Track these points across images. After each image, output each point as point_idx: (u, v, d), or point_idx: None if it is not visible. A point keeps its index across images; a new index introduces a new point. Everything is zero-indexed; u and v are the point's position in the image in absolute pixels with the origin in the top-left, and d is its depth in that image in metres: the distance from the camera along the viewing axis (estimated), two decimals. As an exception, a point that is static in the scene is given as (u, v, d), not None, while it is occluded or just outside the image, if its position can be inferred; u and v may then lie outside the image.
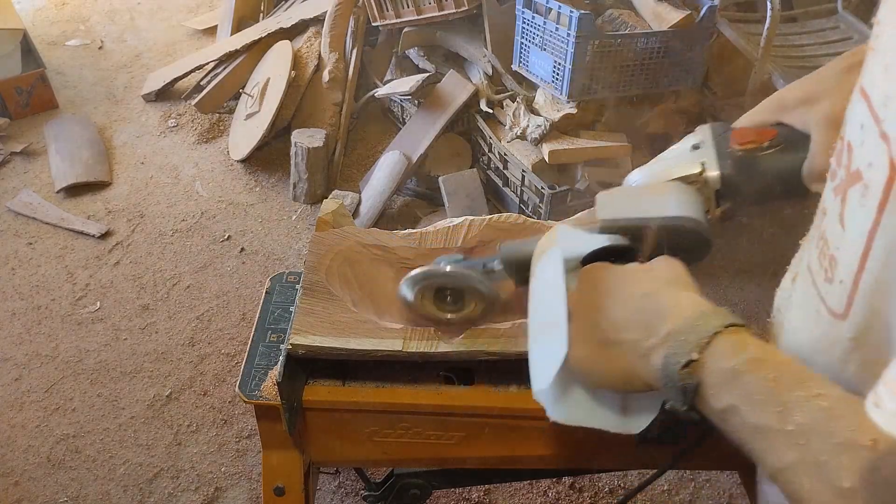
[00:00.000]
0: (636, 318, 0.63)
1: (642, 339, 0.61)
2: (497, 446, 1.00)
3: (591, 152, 2.33)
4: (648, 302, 0.63)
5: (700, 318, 0.58)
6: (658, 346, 0.59)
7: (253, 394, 0.95)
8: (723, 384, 0.54)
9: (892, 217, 0.47)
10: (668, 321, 0.60)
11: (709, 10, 2.24)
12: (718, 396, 0.54)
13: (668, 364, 0.57)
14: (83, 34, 4.14)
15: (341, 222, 1.11)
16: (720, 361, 0.55)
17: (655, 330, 0.60)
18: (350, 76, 2.96)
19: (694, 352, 0.56)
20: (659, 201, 0.75)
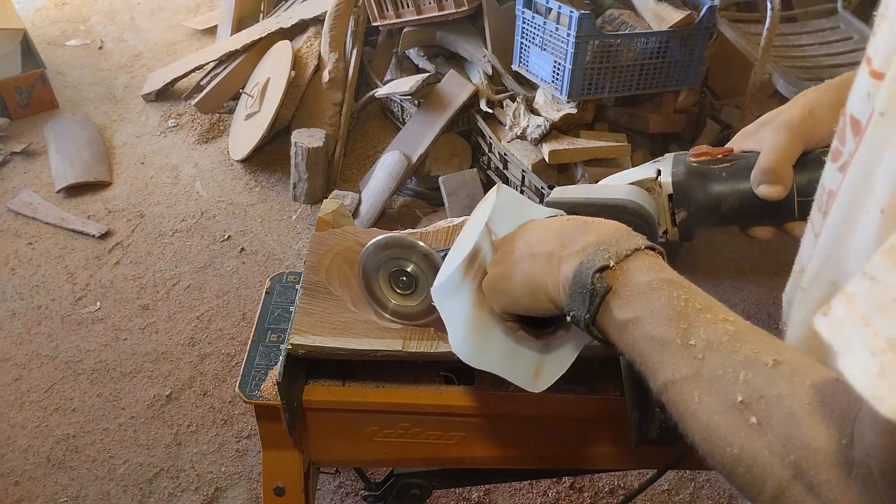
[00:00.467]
0: (555, 235, 0.64)
1: (556, 250, 0.62)
2: (497, 446, 1.00)
3: (591, 152, 2.33)
4: (571, 222, 0.64)
5: (623, 234, 0.59)
6: (573, 254, 0.60)
7: (253, 394, 0.95)
8: (633, 295, 0.54)
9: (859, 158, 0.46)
10: (591, 234, 0.61)
11: (709, 10, 2.24)
12: (626, 307, 0.55)
13: (582, 269, 0.58)
14: (83, 34, 4.14)
15: (341, 222, 1.11)
16: (635, 274, 0.55)
17: (573, 241, 0.61)
18: (350, 76, 2.96)
19: (612, 260, 0.56)
20: (609, 191, 0.78)
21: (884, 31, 0.46)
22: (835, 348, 0.36)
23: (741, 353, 0.47)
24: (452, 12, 2.63)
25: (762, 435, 0.44)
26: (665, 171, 0.78)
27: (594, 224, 0.62)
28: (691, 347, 0.49)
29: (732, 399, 0.46)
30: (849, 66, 2.42)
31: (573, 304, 0.59)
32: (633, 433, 0.93)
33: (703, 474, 1.87)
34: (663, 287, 0.54)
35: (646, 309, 0.53)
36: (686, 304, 0.52)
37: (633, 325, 0.54)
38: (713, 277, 2.45)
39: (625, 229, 0.61)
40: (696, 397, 0.48)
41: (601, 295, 0.56)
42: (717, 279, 2.44)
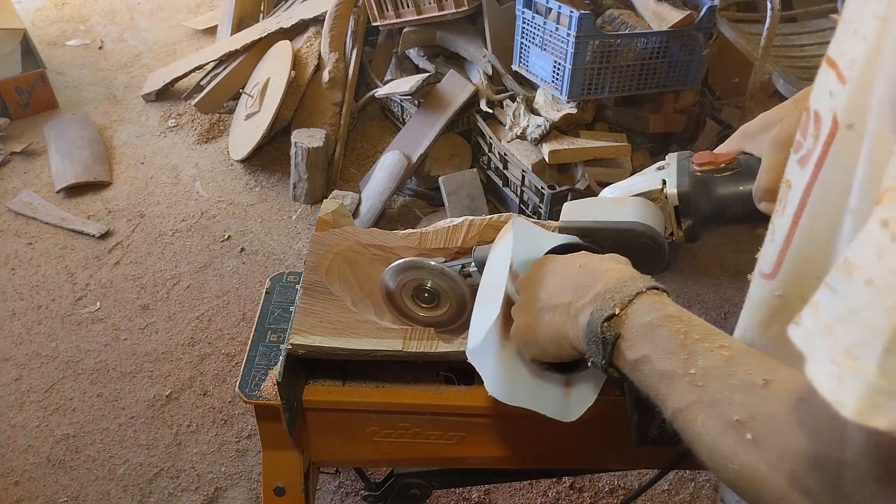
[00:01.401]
0: (571, 283, 0.69)
1: (574, 301, 0.67)
2: (497, 446, 1.00)
3: (591, 152, 2.34)
4: (585, 270, 0.69)
5: (627, 280, 0.64)
6: (587, 305, 0.65)
7: (253, 394, 0.95)
8: (639, 336, 0.59)
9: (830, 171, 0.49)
10: (599, 283, 0.65)
11: (709, 10, 2.24)
12: (634, 348, 0.59)
13: (593, 319, 0.62)
14: (83, 34, 4.14)
15: (341, 222, 1.11)
16: (639, 316, 0.60)
17: (585, 292, 0.66)
18: (350, 76, 2.96)
19: (617, 307, 0.61)
20: (617, 210, 0.81)
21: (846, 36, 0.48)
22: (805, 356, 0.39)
23: (736, 377, 0.51)
24: (452, 12, 2.63)
25: (759, 450, 0.47)
26: (670, 181, 0.80)
27: (603, 272, 0.67)
28: (692, 376, 0.53)
29: (730, 420, 0.49)
30: (849, 66, 2.42)
31: (590, 351, 0.63)
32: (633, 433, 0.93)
33: (703, 474, 1.87)
34: (664, 324, 0.58)
35: (651, 347, 0.58)
36: (685, 336, 0.56)
37: (643, 363, 0.58)
38: (713, 277, 2.45)
39: (629, 275, 0.65)
40: (700, 421, 0.52)
41: (612, 342, 0.61)
42: (717, 279, 2.44)
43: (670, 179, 0.80)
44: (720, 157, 0.80)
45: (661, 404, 0.56)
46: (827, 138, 0.49)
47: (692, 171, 0.80)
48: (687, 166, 0.80)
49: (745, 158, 0.79)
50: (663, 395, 0.56)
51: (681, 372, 0.54)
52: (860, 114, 0.44)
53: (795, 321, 0.41)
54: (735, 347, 0.53)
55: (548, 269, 0.74)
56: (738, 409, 0.49)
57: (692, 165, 0.80)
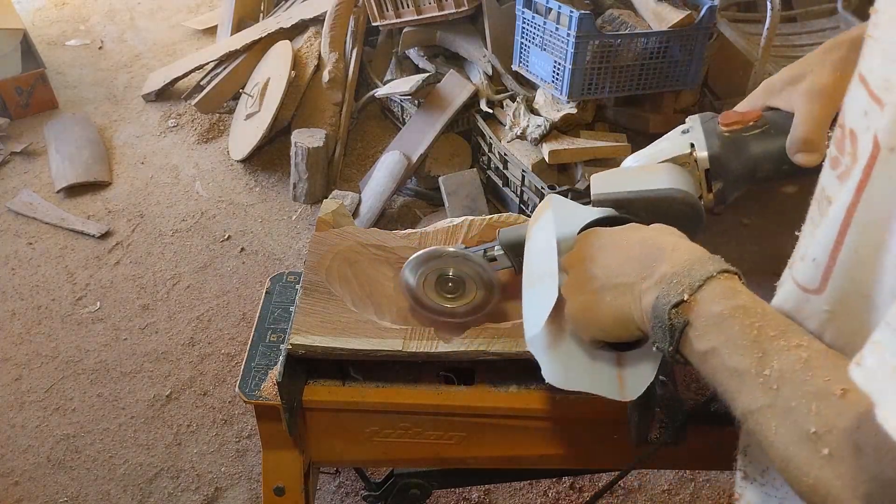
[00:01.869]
0: (632, 261, 0.65)
1: (638, 281, 0.63)
2: (497, 446, 1.00)
3: (591, 152, 2.33)
4: (645, 247, 0.65)
5: (696, 262, 0.59)
6: (652, 287, 0.61)
7: (253, 394, 0.95)
8: (709, 326, 0.55)
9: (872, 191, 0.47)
10: (665, 263, 0.61)
11: (709, 10, 2.24)
12: (703, 338, 0.56)
13: (659, 304, 0.59)
14: (83, 34, 4.14)
15: (341, 222, 1.11)
16: (709, 305, 0.56)
17: (651, 271, 0.62)
18: (350, 76, 2.96)
19: (686, 293, 0.57)
20: (649, 177, 0.77)
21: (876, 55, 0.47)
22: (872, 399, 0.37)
23: (813, 384, 0.48)
24: (452, 12, 2.63)
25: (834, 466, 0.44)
26: (698, 144, 0.77)
27: (668, 250, 0.63)
28: (766, 377, 0.50)
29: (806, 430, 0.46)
30: (849, 66, 2.42)
31: (656, 336, 0.60)
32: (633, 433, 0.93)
33: (702, 474, 1.87)
34: (737, 315, 0.54)
35: (721, 339, 0.54)
36: (760, 331, 0.52)
37: (712, 356, 0.55)
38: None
39: (698, 254, 0.61)
40: (773, 427, 0.49)
41: (679, 329, 0.57)
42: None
43: (698, 142, 0.77)
44: (747, 114, 0.77)
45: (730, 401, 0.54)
46: (868, 160, 0.46)
47: (720, 131, 0.77)
48: (713, 127, 0.77)
49: (772, 114, 0.77)
50: (733, 392, 0.53)
51: (754, 371, 0.51)
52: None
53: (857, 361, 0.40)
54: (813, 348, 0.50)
55: (599, 243, 0.70)
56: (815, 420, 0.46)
57: (718, 126, 0.77)
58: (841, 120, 0.53)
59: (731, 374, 0.53)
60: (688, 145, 0.78)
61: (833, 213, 0.51)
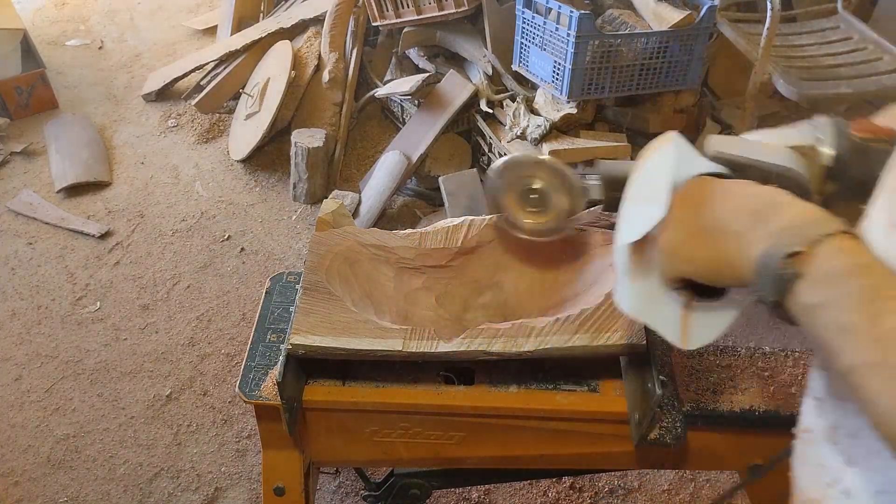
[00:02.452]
0: (746, 211, 0.63)
1: (748, 230, 0.61)
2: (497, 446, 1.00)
3: (591, 152, 2.33)
4: (761, 200, 0.63)
5: (816, 218, 0.58)
6: (765, 236, 0.59)
7: (253, 394, 0.95)
8: (823, 281, 0.54)
9: None
10: (783, 216, 0.60)
11: (709, 10, 2.24)
12: (814, 292, 0.54)
13: (771, 252, 0.57)
14: (83, 34, 4.14)
15: (341, 222, 1.11)
16: (827, 260, 0.55)
17: (766, 222, 0.60)
18: (350, 76, 2.96)
19: (802, 245, 0.55)
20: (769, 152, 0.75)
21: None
22: None
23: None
24: (452, 12, 2.63)
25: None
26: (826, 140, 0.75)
27: (788, 206, 0.61)
28: (878, 336, 0.49)
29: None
30: (849, 65, 2.42)
31: (761, 284, 0.59)
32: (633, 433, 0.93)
33: (703, 474, 1.87)
34: (854, 272, 0.53)
35: (835, 294, 0.53)
36: (876, 291, 0.51)
37: (821, 310, 0.54)
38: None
39: (820, 214, 0.59)
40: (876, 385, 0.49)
41: (789, 280, 0.56)
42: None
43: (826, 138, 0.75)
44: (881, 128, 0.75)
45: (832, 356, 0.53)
46: None
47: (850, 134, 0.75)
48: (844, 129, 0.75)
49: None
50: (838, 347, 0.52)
51: (864, 329, 0.50)
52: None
53: None
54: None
55: (711, 189, 0.68)
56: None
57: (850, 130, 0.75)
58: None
59: (840, 330, 0.52)
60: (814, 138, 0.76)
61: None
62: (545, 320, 0.93)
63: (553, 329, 0.92)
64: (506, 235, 0.95)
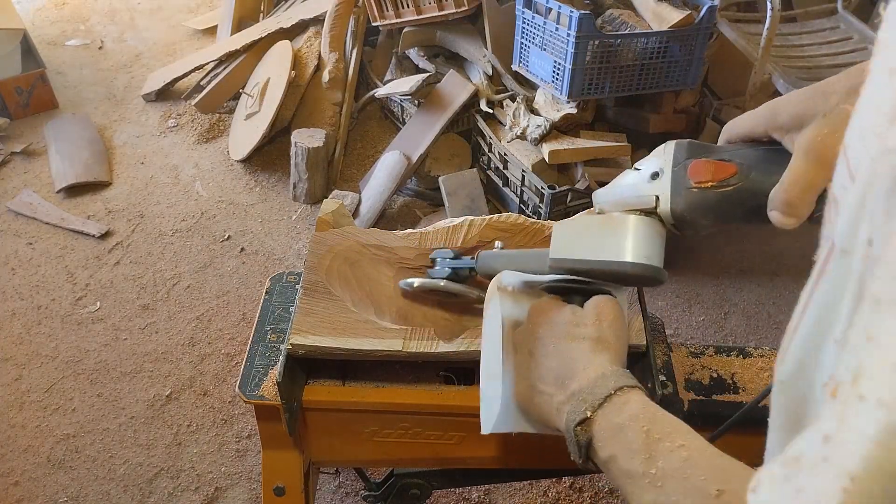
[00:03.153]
0: (553, 375, 0.71)
1: (556, 394, 0.70)
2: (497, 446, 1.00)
3: (591, 152, 2.33)
4: (565, 362, 0.71)
5: (599, 380, 0.66)
6: (565, 402, 0.68)
7: (253, 394, 0.95)
8: (607, 437, 0.62)
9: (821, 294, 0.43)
10: (575, 380, 0.68)
11: (709, 10, 2.24)
12: (604, 448, 0.62)
13: (568, 422, 0.66)
14: (83, 34, 4.14)
15: (341, 222, 1.11)
16: (608, 418, 0.63)
17: (565, 388, 0.69)
18: (350, 76, 2.96)
19: (588, 410, 0.64)
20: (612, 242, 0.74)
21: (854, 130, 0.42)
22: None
23: (692, 482, 0.53)
24: (452, 12, 2.63)
25: None
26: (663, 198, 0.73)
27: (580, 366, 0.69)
28: (652, 476, 0.55)
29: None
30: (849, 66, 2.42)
31: (570, 447, 0.66)
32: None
33: None
34: (630, 424, 0.60)
35: (618, 447, 0.60)
36: (647, 435, 0.58)
37: (611, 462, 0.61)
38: (713, 277, 2.45)
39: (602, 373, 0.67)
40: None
41: (584, 444, 0.64)
42: (718, 279, 2.44)
43: (664, 197, 0.73)
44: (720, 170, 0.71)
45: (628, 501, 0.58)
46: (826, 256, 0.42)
47: (688, 186, 0.71)
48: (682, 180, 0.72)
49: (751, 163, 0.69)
50: (628, 494, 0.58)
51: (642, 472, 0.56)
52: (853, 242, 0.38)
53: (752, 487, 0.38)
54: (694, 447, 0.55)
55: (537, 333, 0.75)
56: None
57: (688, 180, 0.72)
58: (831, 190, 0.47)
59: (626, 477, 0.58)
60: (653, 198, 0.73)
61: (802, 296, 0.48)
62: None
63: None
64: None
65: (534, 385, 0.73)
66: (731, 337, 2.28)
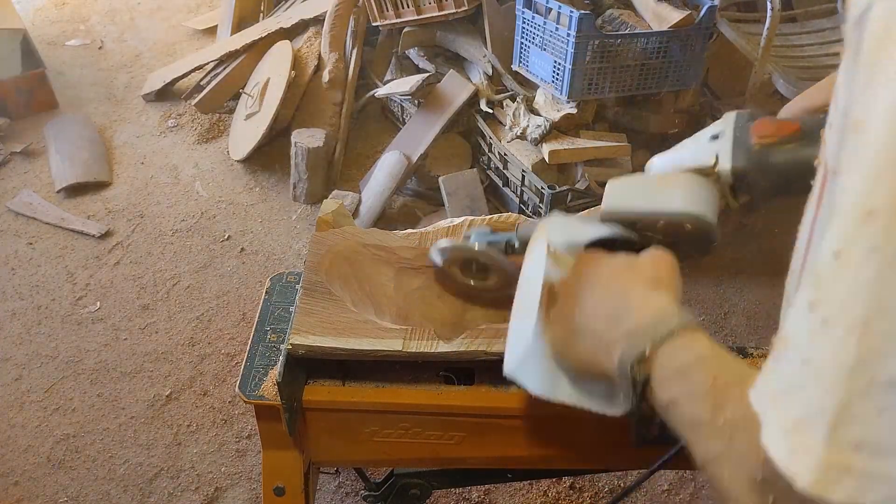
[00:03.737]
0: (605, 311, 0.67)
1: (606, 332, 0.66)
2: (497, 446, 1.00)
3: (591, 152, 2.33)
4: (619, 298, 0.67)
5: (659, 317, 0.62)
6: (618, 340, 0.63)
7: (253, 394, 0.95)
8: (669, 379, 0.58)
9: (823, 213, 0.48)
10: (632, 318, 0.64)
11: (709, 10, 2.24)
12: (664, 390, 0.58)
13: (624, 358, 0.61)
14: (83, 34, 4.14)
15: (341, 222, 1.11)
16: (669, 359, 0.58)
17: (619, 325, 0.64)
18: (350, 76, 2.96)
19: (647, 348, 0.59)
20: (666, 194, 0.74)
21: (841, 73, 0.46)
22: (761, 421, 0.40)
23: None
24: (452, 12, 2.63)
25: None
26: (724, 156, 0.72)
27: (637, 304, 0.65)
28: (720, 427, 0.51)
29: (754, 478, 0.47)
30: (849, 66, 2.42)
31: (622, 387, 0.62)
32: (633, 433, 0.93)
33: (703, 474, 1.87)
34: (694, 367, 0.56)
35: (680, 391, 0.56)
36: (714, 381, 0.54)
37: (672, 406, 0.57)
38: (713, 277, 2.45)
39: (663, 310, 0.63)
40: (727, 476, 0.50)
41: (641, 384, 0.60)
42: (718, 279, 2.44)
43: (724, 153, 0.72)
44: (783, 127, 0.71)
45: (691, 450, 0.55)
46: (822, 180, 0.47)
47: (750, 144, 0.71)
48: (744, 138, 0.72)
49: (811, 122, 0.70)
50: (692, 442, 0.54)
51: (708, 421, 0.52)
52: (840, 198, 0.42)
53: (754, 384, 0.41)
54: None
55: (587, 279, 0.71)
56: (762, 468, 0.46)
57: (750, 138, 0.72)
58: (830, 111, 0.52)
59: (690, 425, 0.55)
60: (713, 156, 0.73)
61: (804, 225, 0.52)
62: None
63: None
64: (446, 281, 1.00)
65: (577, 327, 0.69)
66: (732, 337, 2.28)
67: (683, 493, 1.84)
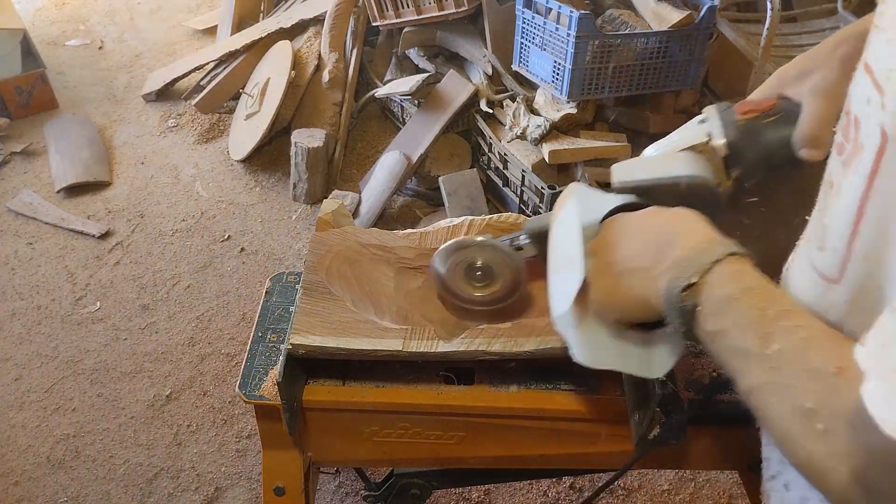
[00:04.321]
0: (649, 247, 0.68)
1: (652, 266, 0.66)
2: (497, 446, 1.00)
3: (591, 152, 2.33)
4: (661, 232, 0.68)
5: (706, 245, 0.62)
6: (665, 271, 0.64)
7: (253, 394, 0.95)
8: (717, 308, 0.58)
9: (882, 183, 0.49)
10: (677, 248, 0.64)
11: (709, 10, 2.24)
12: (712, 319, 0.58)
13: (672, 287, 0.62)
14: (83, 34, 4.14)
15: (341, 222, 1.11)
16: (718, 287, 0.59)
17: (664, 256, 0.65)
18: (350, 76, 2.96)
19: (694, 276, 0.60)
20: (668, 165, 0.81)
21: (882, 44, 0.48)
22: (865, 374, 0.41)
23: (810, 362, 0.50)
24: (452, 12, 2.63)
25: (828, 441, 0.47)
26: (715, 133, 0.80)
27: (682, 235, 0.66)
28: (768, 357, 0.52)
29: (802, 407, 0.49)
30: (849, 66, 2.42)
31: (671, 317, 0.63)
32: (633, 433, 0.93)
33: (703, 474, 1.87)
34: (742, 297, 0.57)
35: (728, 320, 0.57)
36: (764, 312, 0.54)
37: (720, 336, 0.58)
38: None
39: (709, 239, 0.63)
40: (773, 404, 0.51)
41: (689, 311, 0.60)
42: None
43: (715, 131, 0.80)
44: (762, 103, 0.80)
45: (735, 378, 0.56)
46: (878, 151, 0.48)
47: (736, 120, 0.80)
48: (730, 116, 0.81)
49: (784, 104, 0.79)
50: (738, 370, 0.55)
51: (756, 351, 0.53)
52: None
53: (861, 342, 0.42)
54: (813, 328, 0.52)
55: (621, 230, 0.74)
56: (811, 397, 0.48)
57: (734, 114, 0.80)
58: (847, 107, 0.55)
59: (737, 354, 0.55)
60: (705, 134, 0.80)
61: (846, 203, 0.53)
62: (545, 320, 0.93)
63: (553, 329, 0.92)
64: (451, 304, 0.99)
65: (621, 272, 0.70)
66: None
67: (683, 492, 1.84)
